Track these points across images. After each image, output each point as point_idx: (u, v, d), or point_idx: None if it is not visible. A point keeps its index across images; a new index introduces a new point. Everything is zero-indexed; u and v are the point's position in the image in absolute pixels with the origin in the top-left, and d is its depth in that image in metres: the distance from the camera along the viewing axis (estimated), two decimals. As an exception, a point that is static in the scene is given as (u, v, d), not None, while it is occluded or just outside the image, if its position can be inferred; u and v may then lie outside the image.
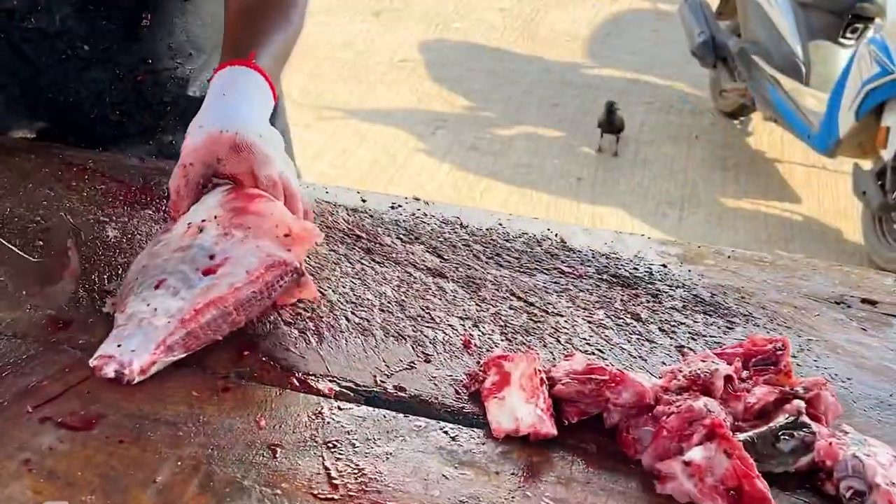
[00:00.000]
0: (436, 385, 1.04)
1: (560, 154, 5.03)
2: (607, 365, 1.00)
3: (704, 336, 1.15)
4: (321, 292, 1.17)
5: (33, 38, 1.42)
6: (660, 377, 1.01)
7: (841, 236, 4.41)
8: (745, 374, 1.02)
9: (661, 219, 4.46)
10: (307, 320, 1.13)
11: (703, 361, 0.99)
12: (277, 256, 1.08)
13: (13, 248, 1.21)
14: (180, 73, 1.51)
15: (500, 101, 5.59)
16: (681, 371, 0.99)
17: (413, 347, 1.10)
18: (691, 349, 1.12)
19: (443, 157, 4.94)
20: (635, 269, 1.28)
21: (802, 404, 0.96)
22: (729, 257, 1.33)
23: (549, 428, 0.95)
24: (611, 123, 4.96)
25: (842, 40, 4.50)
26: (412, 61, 6.06)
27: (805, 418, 0.95)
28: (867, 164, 4.21)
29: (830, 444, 0.93)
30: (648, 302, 1.21)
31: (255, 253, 1.07)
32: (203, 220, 1.11)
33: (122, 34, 1.44)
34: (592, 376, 0.97)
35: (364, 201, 1.39)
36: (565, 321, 1.16)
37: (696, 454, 0.88)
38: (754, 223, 4.47)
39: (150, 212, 1.32)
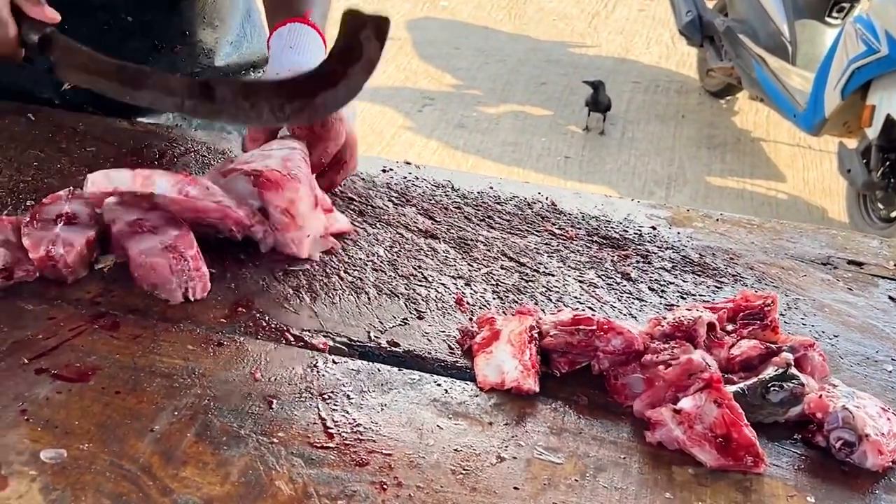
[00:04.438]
0: (429, 341, 1.05)
1: (547, 132, 5.04)
2: (593, 315, 1.01)
3: (693, 295, 1.16)
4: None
5: (78, 9, 1.41)
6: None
7: (826, 214, 4.44)
8: (731, 326, 1.03)
9: (647, 197, 4.47)
10: (300, 278, 1.13)
11: (689, 311, 1.00)
12: None
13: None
14: (209, 43, 1.53)
15: (487, 79, 5.59)
16: (665, 318, 1.00)
17: (406, 305, 1.10)
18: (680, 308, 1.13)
19: (430, 134, 4.93)
20: (625, 230, 1.29)
21: (791, 356, 0.97)
22: (717, 220, 1.34)
23: (532, 385, 0.96)
24: (598, 102, 4.97)
25: (828, 19, 4.52)
26: (399, 39, 6.04)
27: (794, 370, 0.96)
28: (852, 143, 4.24)
29: (820, 396, 0.95)
30: (638, 262, 1.22)
31: None
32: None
33: (163, 5, 1.46)
34: (580, 326, 0.98)
35: (356, 165, 1.39)
36: (556, 280, 1.17)
37: (686, 402, 0.89)
38: (740, 202, 4.49)
39: (142, 173, 1.31)
